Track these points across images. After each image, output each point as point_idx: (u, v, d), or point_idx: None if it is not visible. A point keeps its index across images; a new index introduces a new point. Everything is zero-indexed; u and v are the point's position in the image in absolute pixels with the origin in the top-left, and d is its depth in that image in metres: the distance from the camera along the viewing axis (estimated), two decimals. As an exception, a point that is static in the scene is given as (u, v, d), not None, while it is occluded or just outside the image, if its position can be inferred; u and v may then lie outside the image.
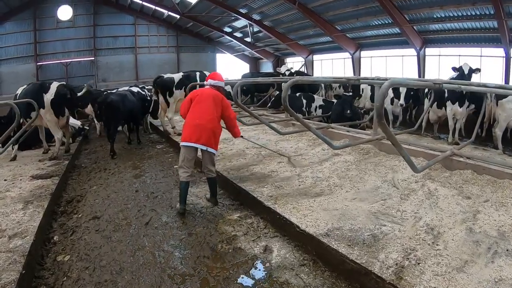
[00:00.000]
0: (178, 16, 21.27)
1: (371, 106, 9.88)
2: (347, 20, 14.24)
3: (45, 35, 21.28)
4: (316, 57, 19.09)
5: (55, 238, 4.15)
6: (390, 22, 12.58)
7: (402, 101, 8.49)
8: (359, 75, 14.67)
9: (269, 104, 12.20)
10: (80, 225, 4.46)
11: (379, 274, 2.63)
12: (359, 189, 4.29)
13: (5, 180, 5.87)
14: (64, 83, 7.50)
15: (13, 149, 7.47)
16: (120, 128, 9.30)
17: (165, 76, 9.44)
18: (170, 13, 21.53)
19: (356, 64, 15.76)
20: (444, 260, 2.76)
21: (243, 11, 17.99)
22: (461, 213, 3.51)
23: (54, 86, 7.00)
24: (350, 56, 15.86)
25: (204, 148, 4.44)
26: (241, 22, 19.78)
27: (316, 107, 10.19)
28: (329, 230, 3.29)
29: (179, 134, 8.95)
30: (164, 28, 23.78)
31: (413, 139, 6.72)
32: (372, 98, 10.15)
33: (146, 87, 11.57)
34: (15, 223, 4.07)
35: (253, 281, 3.06)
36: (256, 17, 18.09)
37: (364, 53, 15.69)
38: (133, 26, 23.17)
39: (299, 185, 4.58)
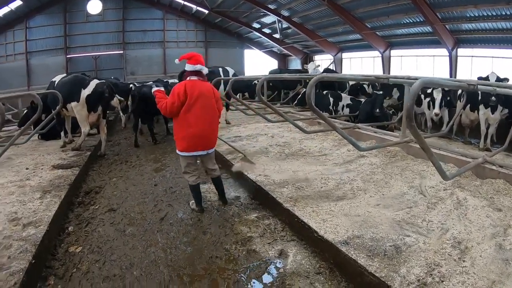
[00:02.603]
0: (206, 11, 21.40)
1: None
2: (377, 18, 13.93)
3: (75, 28, 22.02)
4: (345, 55, 18.74)
5: (69, 229, 4.17)
6: (422, 20, 12.18)
7: (437, 109, 8.02)
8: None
9: (296, 102, 12.02)
10: (95, 216, 4.47)
11: None
12: (384, 194, 4.09)
13: (26, 168, 5.99)
14: (104, 81, 7.62)
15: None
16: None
17: None
18: (198, 8, 21.73)
19: (386, 63, 15.38)
20: (470, 279, 2.54)
21: (272, 7, 17.88)
22: (491, 227, 3.24)
23: (93, 83, 7.10)
24: (380, 55, 15.48)
25: (205, 153, 4.27)
26: (270, 18, 19.67)
27: (343, 106, 9.95)
28: (348, 237, 3.11)
29: None
30: (192, 23, 23.96)
31: (443, 143, 6.42)
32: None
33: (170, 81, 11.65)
34: (31, 212, 4.10)
35: (264, 287, 2.94)
36: (285, 13, 17.94)
37: (394, 52, 15.29)
38: (162, 20, 23.50)
39: (321, 187, 4.41)
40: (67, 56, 21.88)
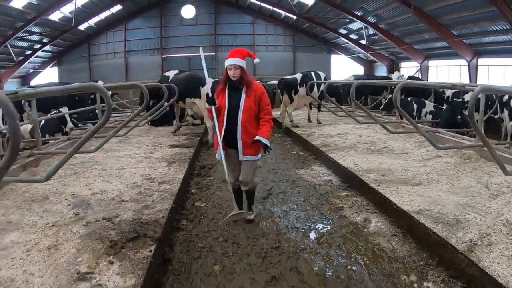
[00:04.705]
0: (294, 17, 22.27)
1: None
2: (463, 25, 13.86)
3: (170, 31, 24.24)
4: (431, 62, 18.62)
5: (192, 191, 5.67)
6: (509, 28, 11.97)
7: None
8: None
9: (382, 107, 12.84)
10: (213, 184, 5.92)
11: (454, 246, 3.32)
12: (453, 185, 4.90)
13: (146, 146, 7.87)
14: (217, 79, 9.39)
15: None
16: None
17: (288, 77, 10.84)
18: (287, 14, 22.64)
19: (473, 72, 15.16)
20: None
21: (358, 13, 18.29)
22: (542, 218, 3.86)
23: (210, 81, 8.77)
24: (467, 64, 15.34)
25: None
26: (357, 24, 20.05)
27: (426, 112, 10.61)
28: (420, 210, 4.08)
29: (296, 126, 10.32)
30: (281, 28, 24.99)
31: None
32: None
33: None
34: (163, 175, 5.67)
35: (352, 239, 4.01)
36: (371, 19, 18.24)
37: (481, 61, 15.03)
38: (252, 25, 24.83)
39: (401, 176, 5.38)
40: (163, 56, 24.24)
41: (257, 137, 4.00)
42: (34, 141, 6.80)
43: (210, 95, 4.23)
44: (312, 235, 4.17)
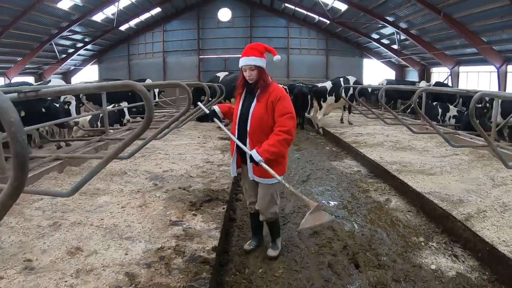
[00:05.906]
0: (328, 22, 23.07)
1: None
2: (492, 32, 14.30)
3: (207, 33, 25.60)
4: (462, 68, 18.99)
5: None
6: None
7: None
8: (505, 91, 14.50)
9: (408, 110, 13.74)
10: None
11: (455, 216, 4.28)
12: (463, 176, 5.80)
13: (198, 137, 9.08)
14: None
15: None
16: None
17: (319, 85, 12.07)
18: (320, 18, 23.47)
19: (502, 79, 15.54)
20: (503, 220, 3.94)
21: (390, 19, 18.93)
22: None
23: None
24: (496, 70, 15.75)
25: None
26: (389, 30, 20.69)
27: (450, 116, 11.43)
28: (431, 191, 5.07)
29: (318, 131, 11.46)
30: (314, 31, 25.87)
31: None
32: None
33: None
34: (219, 160, 6.89)
35: (375, 212, 5.08)
36: (403, 25, 18.82)
37: (511, 68, 15.40)
38: (286, 28, 25.82)
39: (419, 167, 6.35)
40: (200, 56, 25.65)
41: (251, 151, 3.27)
42: (97, 130, 8.25)
43: (207, 111, 3.71)
44: (344, 208, 5.30)
